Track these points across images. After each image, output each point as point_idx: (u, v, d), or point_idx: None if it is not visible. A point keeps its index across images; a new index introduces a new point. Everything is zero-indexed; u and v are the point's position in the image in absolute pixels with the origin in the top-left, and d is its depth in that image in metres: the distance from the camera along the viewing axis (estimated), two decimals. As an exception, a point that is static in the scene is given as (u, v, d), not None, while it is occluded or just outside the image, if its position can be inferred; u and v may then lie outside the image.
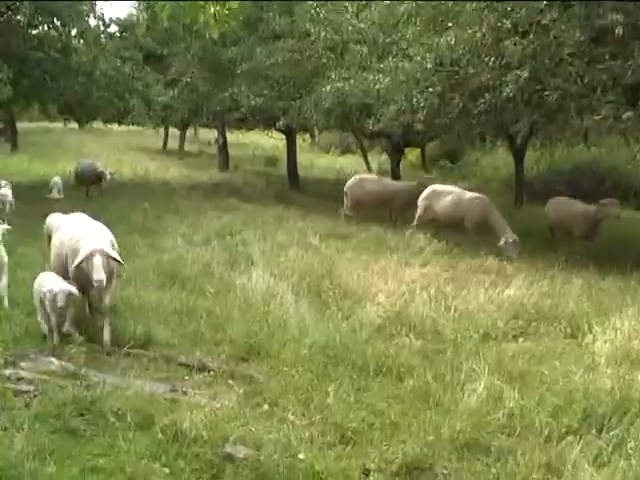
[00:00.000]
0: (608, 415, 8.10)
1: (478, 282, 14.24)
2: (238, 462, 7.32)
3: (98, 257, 10.19)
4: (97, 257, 10.17)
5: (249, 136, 43.17)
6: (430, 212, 19.45)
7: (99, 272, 10.05)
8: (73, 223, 11.80)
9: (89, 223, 11.75)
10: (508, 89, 16.02)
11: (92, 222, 11.82)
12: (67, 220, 12.47)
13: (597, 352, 10.03)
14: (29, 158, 33.80)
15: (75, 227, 11.42)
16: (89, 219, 12.05)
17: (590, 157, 32.18)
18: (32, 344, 10.32)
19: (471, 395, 8.61)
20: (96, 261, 10.14)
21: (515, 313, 11.83)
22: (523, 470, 7.20)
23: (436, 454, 7.56)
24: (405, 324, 11.38)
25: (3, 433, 7.58)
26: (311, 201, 27.16)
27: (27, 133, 43.32)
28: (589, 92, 15.56)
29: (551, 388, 8.87)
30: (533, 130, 26.76)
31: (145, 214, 19.55)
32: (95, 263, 10.12)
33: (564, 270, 15.22)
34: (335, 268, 14.45)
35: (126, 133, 49.18)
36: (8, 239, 15.68)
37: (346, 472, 7.24)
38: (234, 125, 36.88)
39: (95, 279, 10.01)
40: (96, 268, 10.11)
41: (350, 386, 9.14)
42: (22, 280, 13.21)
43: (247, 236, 17.83)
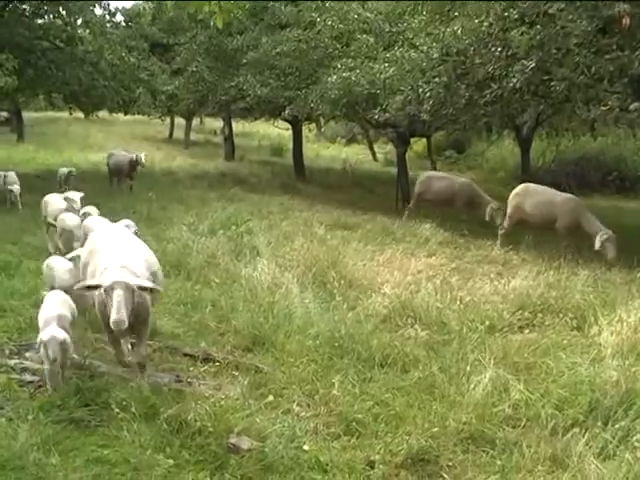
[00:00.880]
0: (614, 407, 8.06)
1: (484, 273, 14.25)
2: (242, 453, 7.31)
3: (119, 292, 8.22)
4: (118, 292, 8.21)
5: (255, 126, 43.13)
6: (520, 212, 18.05)
7: (119, 311, 8.08)
8: (108, 238, 9.95)
9: (124, 240, 9.94)
10: (515, 79, 15.93)
11: (128, 239, 10.11)
12: (103, 232, 10.51)
13: (603, 344, 9.99)
14: (35, 148, 33.81)
15: (107, 245, 9.59)
16: (127, 234, 10.54)
17: (596, 148, 32.12)
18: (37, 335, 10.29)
19: (476, 387, 8.59)
20: (116, 297, 8.18)
21: (521, 304, 11.78)
22: (528, 462, 7.20)
23: (441, 446, 7.54)
24: (411, 315, 11.36)
25: (7, 424, 7.58)
26: (317, 191, 27.14)
27: (33, 123, 43.30)
28: (596, 83, 15.48)
29: (557, 380, 8.84)
30: (539, 121, 26.73)
31: (150, 204, 19.53)
32: (115, 299, 8.18)
33: (570, 261, 15.18)
34: (341, 259, 14.42)
35: (132, 123, 49.11)
36: (17, 229, 15.80)
37: (351, 464, 7.24)
38: (240, 115, 36.82)
39: (112, 319, 8.08)
40: (116, 305, 8.14)
41: (355, 377, 9.13)
42: (28, 270, 13.23)
43: (252, 226, 17.81)
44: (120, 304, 8.19)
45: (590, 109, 17.73)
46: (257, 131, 46.29)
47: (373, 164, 38.62)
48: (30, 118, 43.78)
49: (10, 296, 11.79)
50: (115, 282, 8.34)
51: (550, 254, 15.86)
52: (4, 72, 20.55)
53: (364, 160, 38.53)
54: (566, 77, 15.36)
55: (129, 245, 9.78)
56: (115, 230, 10.80)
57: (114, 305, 8.18)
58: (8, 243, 15.20)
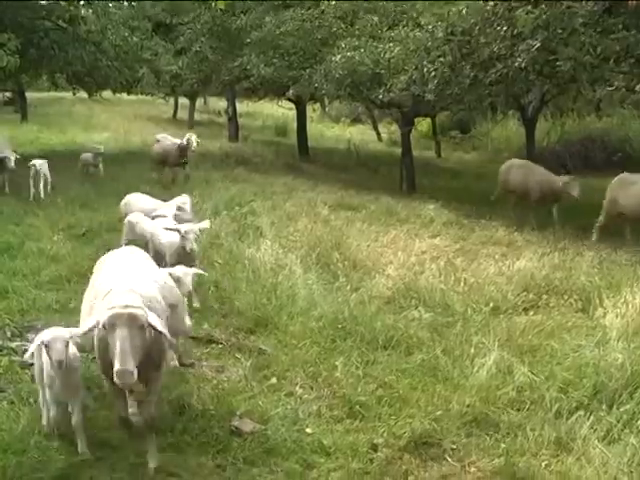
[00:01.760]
0: (619, 391, 8.02)
1: (488, 254, 14.18)
2: (245, 436, 7.30)
3: (124, 331, 6.13)
4: (122, 331, 6.12)
5: (259, 106, 43.05)
6: (616, 206, 16.58)
7: (123, 359, 6.02)
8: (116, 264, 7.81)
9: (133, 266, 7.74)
10: (520, 59, 15.82)
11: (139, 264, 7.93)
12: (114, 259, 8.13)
13: (608, 326, 9.91)
14: (38, 128, 33.74)
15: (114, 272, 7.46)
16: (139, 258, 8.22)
17: (601, 128, 32.01)
18: (39, 316, 10.27)
19: (480, 369, 8.57)
20: (120, 338, 6.10)
21: (525, 286, 11.72)
22: (532, 446, 7.17)
23: (444, 429, 7.53)
24: (414, 297, 11.32)
25: (9, 407, 7.57)
26: (321, 171, 27.08)
27: (36, 103, 43.21)
28: (602, 63, 15.37)
29: (561, 363, 8.79)
30: (544, 101, 26.63)
31: (153, 184, 19.47)
32: (118, 341, 6.10)
33: (575, 242, 15.14)
34: (344, 239, 14.39)
35: (135, 103, 48.99)
36: (20, 211, 15.76)
37: (354, 447, 7.23)
38: (244, 95, 36.73)
39: (115, 369, 6.02)
40: (119, 350, 6.06)
41: (358, 359, 9.12)
42: (30, 251, 13.21)
43: (256, 207, 17.76)
44: (124, 348, 6.06)
45: (595, 89, 17.66)
46: (261, 111, 46.19)
47: (377, 144, 38.51)
48: (33, 98, 43.62)
49: (12, 277, 11.77)
50: (117, 316, 6.14)
51: (555, 235, 15.81)
52: (7, 52, 20.48)
53: (368, 140, 38.42)
54: (572, 57, 15.26)
55: (140, 269, 7.69)
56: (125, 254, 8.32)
57: (117, 350, 6.05)
58: (11, 224, 15.17)
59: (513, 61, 16.09)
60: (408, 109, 24.04)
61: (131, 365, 6.02)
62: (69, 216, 16.30)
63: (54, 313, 10.40)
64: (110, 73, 26.82)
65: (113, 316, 6.14)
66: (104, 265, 7.88)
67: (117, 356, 6.03)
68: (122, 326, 6.11)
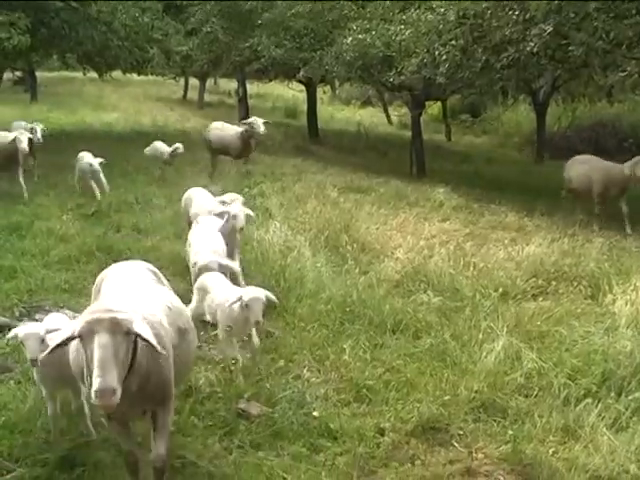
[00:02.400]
0: (627, 378, 8.01)
1: (498, 239, 14.15)
2: (252, 419, 7.31)
3: (103, 338, 5.04)
4: (101, 337, 5.03)
5: (269, 87, 42.94)
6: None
7: (103, 372, 4.91)
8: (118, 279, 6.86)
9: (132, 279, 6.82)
10: (532, 43, 15.74)
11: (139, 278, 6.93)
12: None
13: (617, 313, 9.89)
14: (48, 108, 33.72)
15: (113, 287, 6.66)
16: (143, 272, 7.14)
17: (613, 114, 31.89)
18: (47, 296, 10.27)
19: (489, 355, 8.54)
20: (99, 347, 5.01)
21: (535, 271, 11.68)
22: (540, 432, 7.17)
23: (452, 414, 7.53)
24: (423, 280, 11.32)
25: (16, 386, 7.58)
26: (330, 154, 27.04)
27: (46, 83, 43.20)
28: (614, 48, 15.29)
29: (570, 349, 8.78)
30: (556, 86, 26.56)
31: (163, 165, 19.44)
32: (97, 351, 5.00)
33: (585, 228, 15.09)
34: (353, 222, 14.37)
35: (146, 83, 48.91)
36: (29, 190, 15.75)
37: (361, 431, 7.23)
38: (254, 76, 36.65)
39: (94, 386, 4.90)
40: (98, 363, 4.95)
41: (366, 343, 9.12)
42: (39, 231, 13.21)
43: (265, 188, 17.73)
44: (105, 360, 4.97)
45: (607, 75, 17.61)
46: (271, 93, 46.08)
47: (387, 127, 38.42)
48: (44, 78, 43.63)
49: (21, 257, 11.78)
50: (96, 321, 5.08)
51: (565, 221, 15.77)
52: (17, 31, 20.43)
53: (378, 123, 38.34)
54: (584, 42, 15.17)
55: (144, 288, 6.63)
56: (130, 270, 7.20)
57: (95, 362, 4.95)
58: (20, 204, 15.16)
59: (525, 45, 16.01)
60: (419, 92, 23.98)
61: (113, 380, 4.92)
62: (78, 196, 16.29)
63: (62, 293, 10.43)
64: (120, 53, 26.70)
65: (91, 321, 5.07)
66: (104, 283, 6.87)
67: (96, 370, 4.91)
68: (102, 332, 5.03)
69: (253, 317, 7.97)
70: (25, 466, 6.28)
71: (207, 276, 9.05)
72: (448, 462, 6.86)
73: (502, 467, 6.80)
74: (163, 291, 6.81)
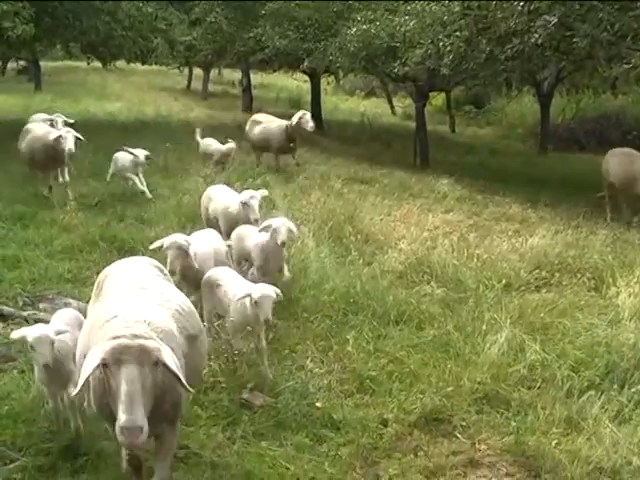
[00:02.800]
0: (631, 370, 8.03)
1: (501, 230, 14.16)
2: (255, 409, 7.32)
3: (131, 370, 4.77)
4: (128, 369, 4.77)
5: (273, 78, 42.92)
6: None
7: (131, 409, 4.67)
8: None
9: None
10: (536, 35, 15.71)
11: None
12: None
13: (620, 305, 9.90)
14: (52, 97, 33.68)
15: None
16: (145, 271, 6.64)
17: (617, 106, 31.84)
18: (50, 285, 10.27)
19: (492, 346, 8.56)
20: (126, 380, 4.74)
21: (538, 263, 11.69)
22: (543, 424, 7.19)
23: (455, 406, 7.55)
24: (427, 272, 11.33)
25: (20, 376, 7.59)
26: (334, 144, 26.97)
27: (50, 72, 43.17)
28: (619, 40, 15.25)
29: (573, 341, 8.80)
30: (560, 77, 26.50)
31: (167, 155, 19.42)
32: (124, 385, 4.73)
33: (589, 220, 15.08)
34: (357, 213, 14.37)
35: (149, 73, 48.87)
36: (33, 180, 15.70)
37: (364, 422, 7.25)
38: (258, 66, 36.61)
39: (120, 423, 4.68)
40: (125, 398, 4.69)
41: (370, 334, 9.14)
42: (43, 220, 13.22)
43: (269, 179, 17.71)
44: (133, 395, 4.69)
45: (612, 67, 17.53)
46: (275, 83, 46.04)
47: (391, 118, 38.38)
48: (47, 67, 43.61)
49: (25, 246, 11.78)
50: (123, 348, 4.77)
51: (569, 213, 15.76)
52: (21, 20, 20.40)
53: (382, 114, 38.29)
54: (589, 33, 15.13)
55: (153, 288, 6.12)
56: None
57: (123, 396, 4.68)
58: (24, 194, 15.13)
59: (530, 37, 15.97)
60: (423, 83, 23.93)
61: (141, 417, 4.67)
62: (81, 186, 16.27)
63: (66, 282, 10.45)
64: (124, 43, 26.65)
65: (118, 349, 4.76)
66: (107, 281, 6.34)
67: (122, 405, 4.65)
68: (130, 363, 4.74)
69: (263, 315, 7.72)
70: (28, 455, 6.30)
71: (217, 270, 8.89)
72: (451, 453, 6.88)
73: (505, 458, 6.82)
74: (171, 291, 6.29)
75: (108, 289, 6.15)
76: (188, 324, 5.83)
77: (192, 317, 6.05)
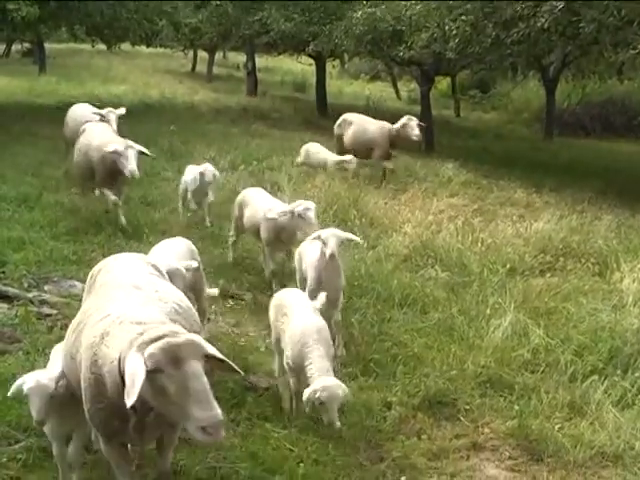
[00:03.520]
0: (634, 356, 8.07)
1: (506, 215, 14.18)
2: (260, 392, 7.35)
3: (193, 367, 4.47)
4: (188, 368, 4.45)
5: (278, 61, 42.84)
6: None
7: (210, 404, 4.43)
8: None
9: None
10: (543, 19, 15.68)
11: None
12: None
13: (625, 291, 9.93)
14: (57, 80, 33.62)
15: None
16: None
17: (623, 91, 31.76)
18: (55, 267, 10.29)
19: (496, 330, 8.60)
20: (192, 374, 4.46)
21: (543, 248, 11.72)
22: (546, 408, 7.23)
23: (459, 389, 7.59)
24: (431, 255, 11.38)
25: (25, 357, 7.60)
26: (339, 128, 26.94)
27: (55, 54, 43.06)
28: (625, 25, 15.22)
29: (577, 326, 8.83)
30: (566, 62, 26.42)
31: (172, 138, 19.42)
32: (192, 382, 4.45)
33: (593, 205, 15.08)
34: (362, 197, 14.37)
35: (154, 56, 48.77)
36: (37, 162, 15.73)
37: (368, 404, 7.29)
38: (263, 49, 36.50)
39: (206, 421, 4.41)
40: (201, 395, 4.42)
41: (374, 317, 9.17)
42: (48, 202, 13.22)
43: (274, 162, 17.71)
44: (205, 389, 4.44)
45: (618, 52, 17.50)
46: (280, 66, 45.97)
47: (396, 102, 38.26)
48: (52, 50, 43.48)
49: (30, 228, 11.78)
50: (181, 346, 4.47)
51: (574, 198, 15.75)
52: (26, 3, 20.38)
53: (387, 98, 38.19)
54: (595, 19, 15.11)
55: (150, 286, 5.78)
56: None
57: (195, 395, 4.38)
58: (29, 175, 15.14)
59: (536, 21, 15.94)
60: (428, 67, 23.88)
61: (219, 410, 4.42)
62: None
63: (71, 264, 10.44)
64: (129, 25, 26.60)
65: (170, 348, 4.45)
66: (100, 276, 6.05)
67: (198, 404, 4.36)
68: (190, 359, 4.46)
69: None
70: (33, 436, 6.29)
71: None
72: (454, 436, 6.93)
73: (508, 442, 6.86)
74: (167, 289, 5.92)
75: (101, 285, 5.87)
76: (186, 322, 5.43)
77: (190, 315, 5.75)
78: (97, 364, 4.87)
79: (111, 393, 4.77)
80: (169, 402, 4.48)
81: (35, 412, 5.34)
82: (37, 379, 5.38)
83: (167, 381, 4.41)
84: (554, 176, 17.60)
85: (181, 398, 4.40)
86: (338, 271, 8.63)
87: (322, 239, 8.44)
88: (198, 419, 4.36)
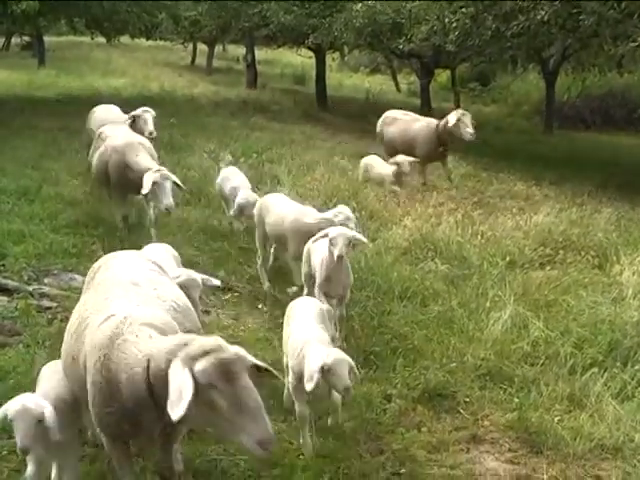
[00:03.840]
0: (634, 348, 8.07)
1: (506, 208, 14.17)
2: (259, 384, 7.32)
3: (245, 382, 4.46)
4: (241, 383, 4.42)
5: (278, 54, 42.79)
6: None
7: (264, 419, 4.44)
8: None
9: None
10: (543, 12, 15.69)
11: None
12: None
13: (624, 283, 9.92)
14: (56, 72, 33.59)
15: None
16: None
17: (623, 84, 31.72)
18: (55, 260, 10.29)
19: (496, 323, 8.60)
20: (246, 389, 4.43)
21: (542, 241, 11.70)
22: (546, 401, 7.23)
23: (459, 382, 7.60)
24: (431, 248, 11.36)
25: (25, 350, 7.60)
26: (339, 121, 26.93)
27: (54, 47, 43.01)
28: (625, 18, 15.22)
29: (577, 319, 8.82)
30: (566, 55, 26.41)
31: (172, 130, 19.40)
32: (246, 397, 4.43)
33: (593, 198, 15.08)
34: (362, 189, 14.37)
35: (154, 48, 48.70)
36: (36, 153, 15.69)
37: (368, 397, 7.29)
38: (263, 42, 36.46)
39: (258, 439, 4.41)
40: (256, 411, 4.40)
41: (374, 310, 9.16)
42: (47, 195, 13.21)
43: (274, 155, 17.71)
44: (259, 403, 4.43)
45: (618, 45, 17.50)
46: (280, 59, 45.93)
47: (396, 95, 38.23)
48: (52, 43, 43.42)
49: (30, 221, 11.77)
50: (232, 361, 4.42)
51: (573, 191, 15.75)
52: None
53: (387, 91, 38.17)
54: (595, 11, 15.11)
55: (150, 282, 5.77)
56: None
57: (251, 410, 4.36)
58: (28, 168, 15.13)
59: (536, 14, 15.96)
60: (428, 60, 23.91)
61: (270, 424, 4.45)
62: (86, 161, 16.25)
63: (71, 257, 10.45)
64: (129, 18, 26.58)
65: (222, 365, 4.37)
66: (99, 276, 5.97)
67: (254, 419, 4.34)
68: (241, 373, 4.42)
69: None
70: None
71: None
72: (454, 429, 6.94)
73: (508, 434, 6.86)
74: (166, 286, 5.87)
75: (98, 282, 5.80)
76: (185, 320, 5.47)
77: (188, 313, 5.70)
78: (110, 369, 4.77)
79: (127, 399, 4.71)
80: (219, 417, 4.41)
81: (19, 439, 4.98)
82: (23, 403, 5.10)
83: (218, 396, 4.36)
84: (554, 169, 17.60)
85: (234, 413, 4.36)
86: (346, 270, 8.43)
87: (330, 239, 8.11)
88: (254, 434, 4.35)
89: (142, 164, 10.93)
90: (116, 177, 11.34)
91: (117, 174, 11.30)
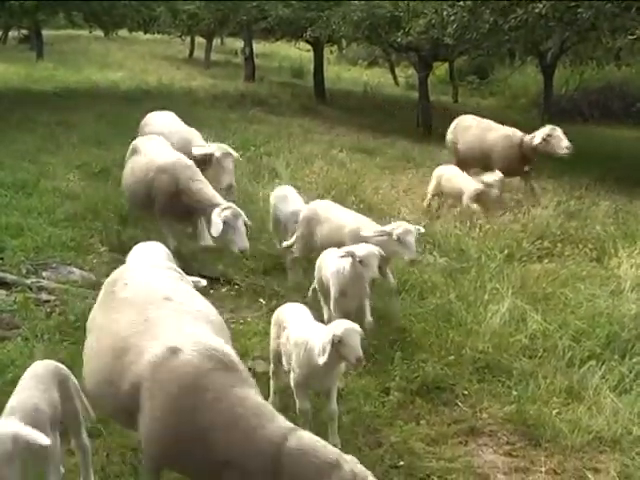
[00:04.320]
0: (632, 341, 8.10)
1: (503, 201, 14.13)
2: (258, 377, 7.32)
3: None
4: None
5: (276, 47, 42.73)
6: None
7: None
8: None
9: None
10: (540, 5, 15.69)
11: None
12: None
13: (622, 276, 9.96)
14: (54, 66, 33.53)
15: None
16: None
17: (621, 77, 31.70)
18: (54, 254, 10.29)
19: (494, 316, 8.60)
20: None
21: (540, 234, 11.72)
22: (544, 394, 7.25)
23: (457, 374, 7.63)
24: (429, 241, 11.35)
25: (23, 343, 7.61)
26: (337, 114, 26.91)
27: (52, 41, 42.92)
28: (623, 11, 15.24)
29: (575, 311, 8.85)
30: (564, 48, 26.38)
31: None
32: None
33: (592, 192, 15.08)
34: (360, 182, 14.38)
35: (152, 42, 48.59)
36: (35, 148, 15.68)
37: (366, 390, 7.31)
38: (261, 35, 36.42)
39: None
40: None
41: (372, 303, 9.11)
42: (45, 189, 13.20)
43: (272, 148, 17.70)
44: None
45: (616, 38, 17.52)
46: (278, 52, 45.86)
47: (394, 88, 38.22)
48: (50, 36, 43.31)
49: (28, 215, 11.76)
50: None
51: (571, 184, 15.75)
52: (24, -11, 20.37)
53: (385, 84, 38.14)
54: (593, 5, 15.11)
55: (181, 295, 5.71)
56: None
57: None
58: (26, 162, 15.11)
59: (533, 7, 15.96)
60: (426, 53, 23.86)
61: None
62: (84, 154, 16.26)
63: (69, 250, 10.45)
64: (127, 12, 26.58)
65: None
66: (120, 290, 5.73)
67: None
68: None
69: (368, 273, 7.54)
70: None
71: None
72: (452, 422, 6.96)
73: (506, 427, 6.90)
74: (193, 294, 5.90)
75: (125, 298, 5.57)
76: (217, 330, 5.43)
77: (218, 322, 5.70)
78: (196, 421, 4.64)
79: (223, 454, 4.58)
80: None
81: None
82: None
83: None
84: (552, 162, 17.57)
85: None
86: (363, 281, 8.06)
87: (361, 259, 7.76)
88: None
89: (204, 194, 9.99)
90: (164, 202, 10.29)
91: (166, 198, 10.24)
